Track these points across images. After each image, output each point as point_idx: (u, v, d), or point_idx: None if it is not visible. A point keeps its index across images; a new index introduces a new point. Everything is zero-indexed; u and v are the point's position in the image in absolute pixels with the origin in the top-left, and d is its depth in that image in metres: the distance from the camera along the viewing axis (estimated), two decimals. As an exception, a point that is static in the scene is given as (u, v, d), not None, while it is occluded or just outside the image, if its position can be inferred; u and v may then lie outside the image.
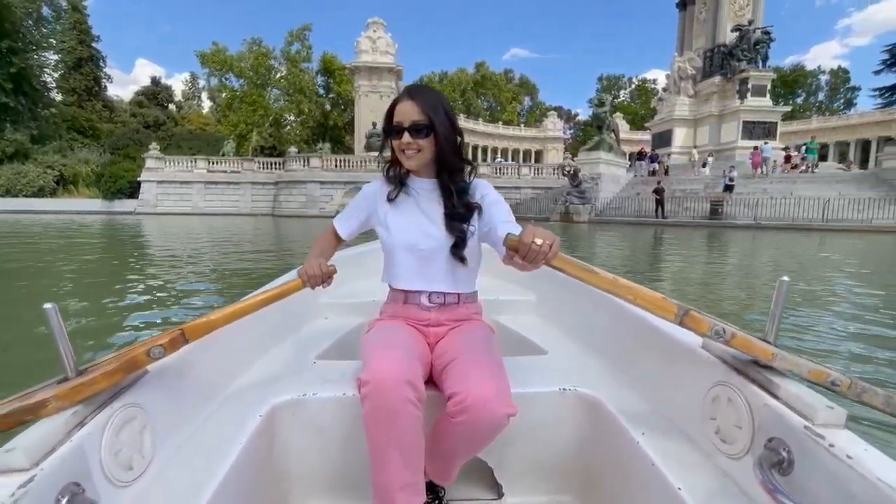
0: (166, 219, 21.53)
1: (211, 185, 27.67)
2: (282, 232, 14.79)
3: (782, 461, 0.71)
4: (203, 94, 57.70)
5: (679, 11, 30.91)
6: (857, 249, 10.32)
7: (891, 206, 15.68)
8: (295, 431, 1.10)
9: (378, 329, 1.19)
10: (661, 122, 29.36)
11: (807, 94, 58.05)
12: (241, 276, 5.87)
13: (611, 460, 1.07)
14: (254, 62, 40.94)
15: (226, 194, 27.66)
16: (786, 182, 19.59)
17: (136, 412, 0.82)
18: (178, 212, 26.18)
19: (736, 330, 0.82)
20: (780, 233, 14.62)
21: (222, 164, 28.72)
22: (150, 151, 28.00)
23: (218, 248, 9.30)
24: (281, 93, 44.16)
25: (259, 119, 41.28)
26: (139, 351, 0.81)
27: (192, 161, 28.53)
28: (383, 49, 35.09)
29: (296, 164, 26.77)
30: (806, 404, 0.71)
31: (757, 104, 24.59)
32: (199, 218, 22.79)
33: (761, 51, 25.23)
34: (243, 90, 41.84)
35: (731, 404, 0.85)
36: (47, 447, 0.64)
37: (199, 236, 12.41)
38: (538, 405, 1.14)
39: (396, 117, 1.15)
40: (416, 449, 0.95)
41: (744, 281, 6.17)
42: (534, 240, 0.84)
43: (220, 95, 44.21)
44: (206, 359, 1.06)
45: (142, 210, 26.51)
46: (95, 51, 43.90)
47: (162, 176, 27.55)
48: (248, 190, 27.68)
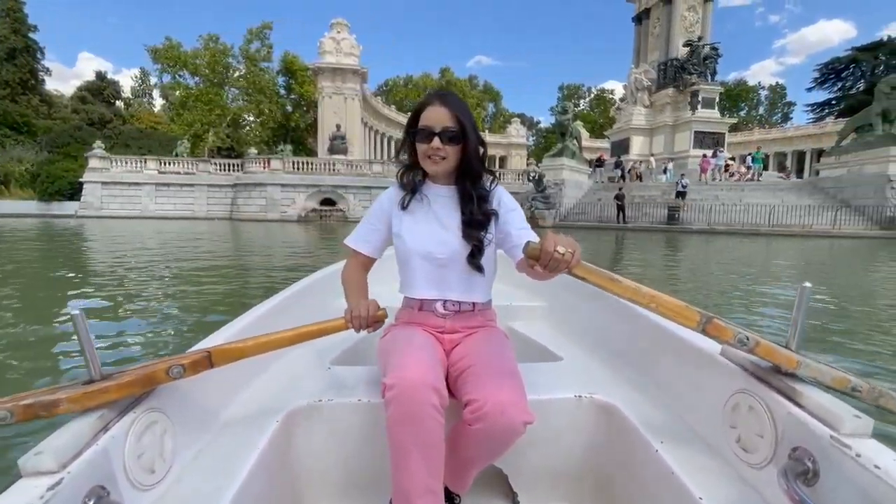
0: (112, 223, 20.11)
1: (162, 186, 26.09)
2: (243, 238, 14.08)
3: (807, 471, 0.69)
4: (155, 91, 54.84)
5: (635, 25, 32.26)
6: (799, 252, 11.01)
7: (827, 212, 16.95)
8: (311, 436, 1.10)
9: (396, 334, 1.18)
10: (620, 131, 30.42)
11: (749, 107, 62.06)
12: (194, 300, 5.45)
13: (628, 468, 1.05)
14: (210, 59, 39.42)
15: (179, 197, 26.17)
16: (735, 189, 20.71)
17: (158, 416, 0.83)
18: (126, 215, 24.49)
19: (760, 338, 0.81)
20: (732, 237, 15.45)
21: (175, 165, 27.14)
22: (94, 150, 26.08)
23: (168, 256, 8.70)
24: (240, 92, 42.72)
25: (216, 119, 39.77)
26: (159, 368, 0.82)
27: (142, 161, 26.83)
28: (347, 50, 34.58)
29: (255, 165, 25.79)
30: (831, 413, 0.70)
31: (707, 115, 25.95)
32: (148, 222, 21.46)
33: (710, 65, 26.69)
34: (199, 88, 40.14)
35: (752, 412, 0.84)
36: (74, 450, 0.65)
37: (149, 240, 11.60)
38: (554, 412, 1.13)
39: (425, 122, 1.13)
40: (437, 455, 0.93)
41: (697, 279, 6.61)
42: (556, 248, 0.83)
43: (174, 93, 42.10)
44: (225, 365, 1.04)
45: (84, 213, 24.60)
46: (32, 41, 40.92)
47: (107, 177, 25.70)
48: (204, 192, 26.33)
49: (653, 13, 30.10)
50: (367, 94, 39.70)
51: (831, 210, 17.00)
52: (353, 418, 1.11)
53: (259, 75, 41.72)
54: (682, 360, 1.09)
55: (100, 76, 54.70)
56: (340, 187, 25.01)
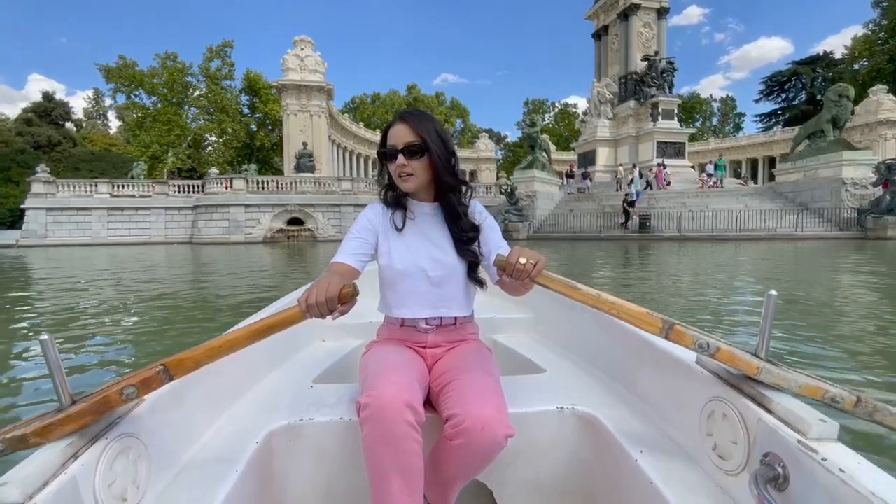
0: (58, 251, 18.56)
1: (115, 211, 24.46)
2: (202, 261, 13.14)
3: (778, 476, 0.70)
4: (110, 112, 52.44)
5: (595, 41, 33.34)
6: (769, 255, 11.17)
7: (788, 216, 17.55)
8: (293, 457, 1.08)
9: (375, 351, 1.18)
10: (585, 143, 31.08)
11: (703, 118, 65.18)
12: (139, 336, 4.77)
13: (610, 479, 1.05)
14: (168, 78, 38.08)
15: (134, 221, 24.61)
16: (702, 196, 21.28)
17: (131, 442, 0.80)
18: (74, 242, 22.74)
19: (721, 344, 0.81)
20: (703, 243, 15.67)
21: (130, 188, 25.55)
22: (38, 174, 24.25)
23: (116, 285, 7.83)
24: (200, 111, 41.29)
25: (175, 139, 38.26)
26: (113, 391, 0.76)
27: (92, 185, 25.11)
28: (312, 67, 33.99)
29: (217, 186, 24.57)
30: (799, 418, 0.70)
31: (668, 126, 26.82)
32: (100, 249, 19.97)
33: (667, 78, 27.73)
34: (156, 108, 38.54)
35: (726, 420, 0.84)
36: (41, 480, 0.63)
37: (94, 270, 10.56)
38: (537, 425, 1.13)
39: (390, 140, 1.15)
40: (416, 473, 0.92)
41: (672, 286, 6.57)
42: (519, 258, 0.91)
43: (130, 114, 40.27)
44: (201, 386, 1.02)
45: (26, 242, 22.66)
46: (-30, 62, 38.21)
47: (53, 202, 23.86)
48: (162, 216, 24.89)
49: (611, 30, 31.20)
50: (334, 112, 39.07)
51: (793, 213, 17.60)
52: (335, 438, 1.08)
53: (221, 94, 40.61)
54: (661, 370, 1.09)
55: (47, 97, 52.07)
56: (308, 206, 24.19)
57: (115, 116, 49.75)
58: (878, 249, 12.20)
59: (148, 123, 37.93)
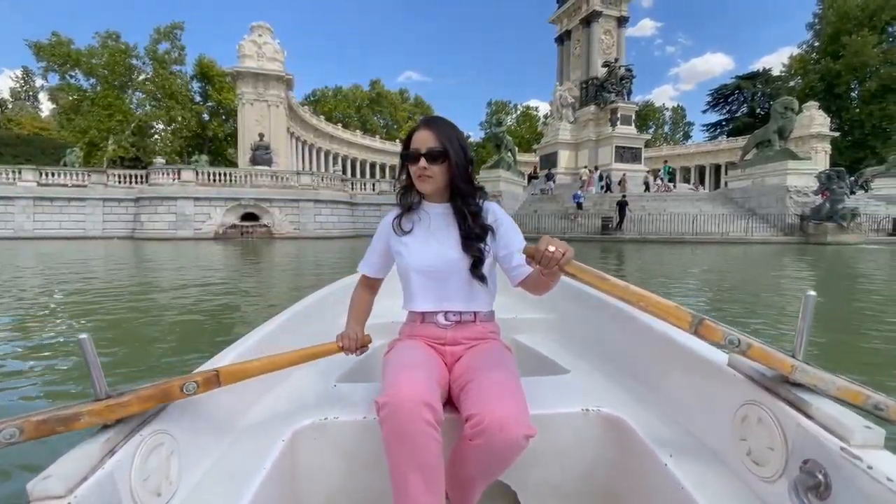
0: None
1: (43, 201, 22.10)
2: (144, 260, 11.99)
3: (819, 484, 0.67)
4: (42, 93, 47.84)
5: (558, 45, 33.95)
6: (725, 257, 11.59)
7: (739, 220, 18.51)
8: (318, 455, 1.10)
9: (397, 350, 1.21)
10: (548, 145, 31.56)
11: (656, 126, 68.27)
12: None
13: (637, 483, 1.03)
14: (109, 59, 35.15)
15: (66, 213, 22.38)
16: (659, 200, 22.09)
17: (164, 438, 0.83)
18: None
19: (752, 340, 0.80)
20: (665, 245, 16.16)
21: (61, 177, 23.18)
22: (-49, 158, 21.64)
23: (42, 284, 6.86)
24: (146, 97, 38.42)
25: (117, 125, 35.45)
26: (174, 384, 0.84)
27: (15, 172, 22.61)
28: (270, 55, 32.38)
29: (163, 177, 22.75)
30: (841, 424, 0.68)
31: (626, 132, 27.70)
32: (26, 244, 17.99)
33: (626, 85, 28.66)
34: (95, 91, 35.49)
35: (761, 424, 0.82)
36: (81, 475, 0.66)
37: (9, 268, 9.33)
38: (561, 426, 1.12)
39: (414, 144, 1.21)
40: (436, 471, 0.93)
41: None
42: (548, 247, 0.92)
43: (66, 96, 36.82)
44: (230, 385, 1.02)
45: (-66, 234, 20.19)
46: None
47: (-34, 190, 21.37)
48: (99, 207, 22.79)
49: (573, 35, 31.85)
50: (294, 103, 37.44)
51: (743, 219, 18.56)
52: (360, 436, 1.10)
53: (170, 79, 37.98)
54: (690, 372, 1.07)
55: (-35, 73, 46.63)
56: (264, 200, 22.91)
57: (47, 98, 45.51)
58: (817, 254, 12.97)
59: (85, 107, 35.00)
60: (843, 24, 41.31)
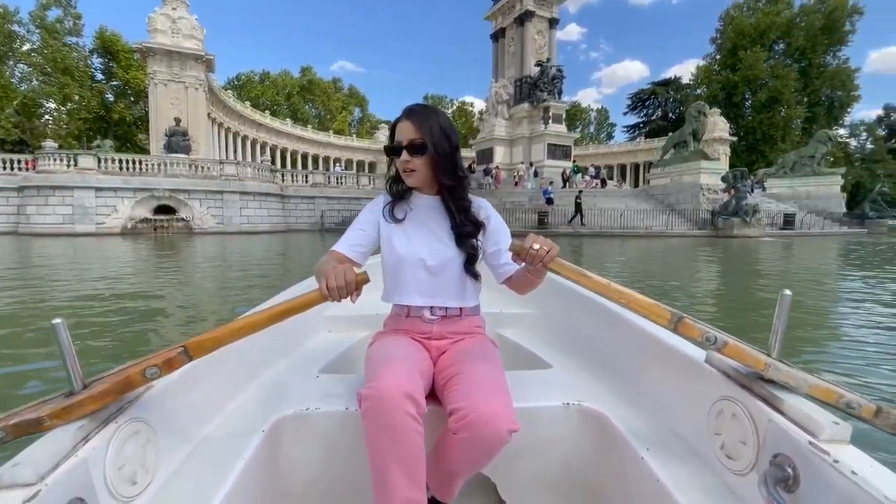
0: None
1: None
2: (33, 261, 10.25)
3: (788, 478, 0.70)
4: None
5: (493, 42, 34.43)
6: (646, 249, 12.40)
7: (661, 215, 20.03)
8: (298, 446, 1.09)
9: (380, 342, 1.20)
10: (483, 141, 32.02)
11: (583, 126, 72.22)
12: None
13: (616, 476, 1.05)
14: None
15: (-75, 204, 18.79)
16: (590, 196, 23.16)
17: (141, 427, 0.81)
18: None
19: (729, 338, 0.81)
20: (595, 239, 16.99)
21: (-82, 160, 19.44)
22: None
23: None
24: (33, 70, 33.31)
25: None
26: (134, 370, 0.78)
27: None
28: (187, 32, 29.36)
29: (55, 163, 19.69)
30: (810, 419, 0.70)
31: (557, 130, 28.82)
32: None
33: (557, 85, 29.75)
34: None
35: (735, 419, 0.84)
36: (53, 462, 0.64)
37: None
38: (542, 420, 1.13)
39: (396, 136, 1.18)
40: (417, 464, 0.93)
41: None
42: (533, 244, 0.94)
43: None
44: (210, 373, 1.05)
45: None
46: None
47: None
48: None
49: (508, 32, 32.47)
50: (216, 87, 34.36)
51: (664, 214, 20.13)
52: (342, 427, 1.09)
53: (63, 52, 33.31)
54: (668, 367, 1.09)
55: None
56: (182, 192, 20.73)
57: None
58: (725, 246, 14.37)
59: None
60: (740, 40, 46.35)
